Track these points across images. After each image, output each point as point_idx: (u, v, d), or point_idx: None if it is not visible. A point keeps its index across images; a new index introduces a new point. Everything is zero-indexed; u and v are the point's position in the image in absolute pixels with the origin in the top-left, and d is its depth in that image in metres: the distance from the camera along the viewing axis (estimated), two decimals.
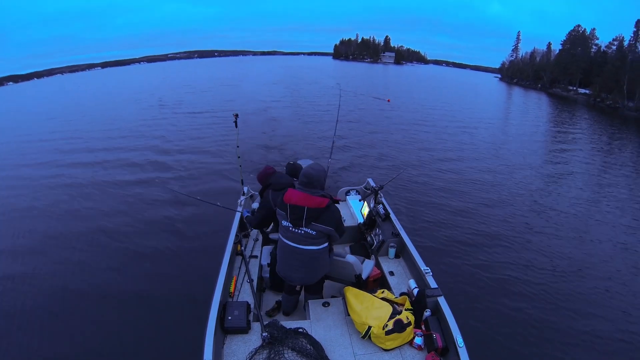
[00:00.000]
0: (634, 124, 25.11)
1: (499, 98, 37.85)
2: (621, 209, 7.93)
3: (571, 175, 10.38)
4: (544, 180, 9.64)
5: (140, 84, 37.82)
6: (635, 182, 10.28)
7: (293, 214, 2.41)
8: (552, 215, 7.21)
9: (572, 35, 49.85)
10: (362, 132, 13.77)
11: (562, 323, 4.12)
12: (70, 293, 4.44)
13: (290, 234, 2.48)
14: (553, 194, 8.54)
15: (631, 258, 5.75)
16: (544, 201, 7.99)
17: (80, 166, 9.64)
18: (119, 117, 17.41)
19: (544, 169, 10.84)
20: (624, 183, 10.08)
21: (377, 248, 3.46)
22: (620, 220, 7.26)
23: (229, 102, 21.06)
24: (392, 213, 3.67)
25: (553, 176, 10.07)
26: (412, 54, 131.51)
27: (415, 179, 8.74)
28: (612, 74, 36.40)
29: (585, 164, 11.75)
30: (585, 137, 17.43)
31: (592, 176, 10.49)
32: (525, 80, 58.21)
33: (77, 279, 4.72)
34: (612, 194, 9.02)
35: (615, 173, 11.09)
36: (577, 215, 7.33)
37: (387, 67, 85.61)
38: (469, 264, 5.17)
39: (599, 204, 8.20)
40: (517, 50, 66.94)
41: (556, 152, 13.34)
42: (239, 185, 4.58)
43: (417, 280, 2.91)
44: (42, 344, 3.66)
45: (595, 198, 8.56)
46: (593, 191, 9.10)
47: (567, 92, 45.86)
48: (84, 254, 5.30)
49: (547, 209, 7.54)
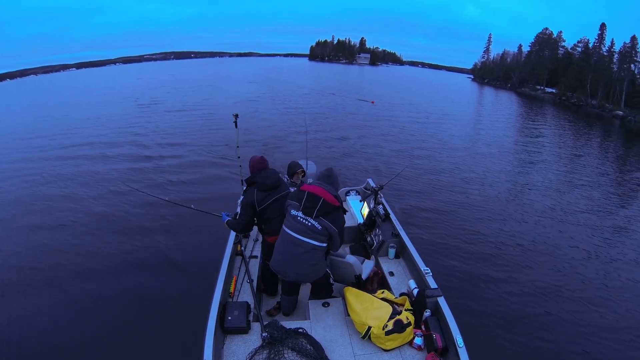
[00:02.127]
0: (597, 119, 28.29)
1: (484, 99, 38.91)
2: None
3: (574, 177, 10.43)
4: (547, 180, 9.66)
5: (121, 85, 36.25)
6: (603, 166, 12.30)
7: (308, 201, 2.45)
8: (553, 216, 7.22)
9: (540, 37, 52.89)
10: (357, 133, 13.92)
11: (562, 323, 4.13)
12: (70, 293, 4.44)
13: (297, 224, 2.48)
14: (552, 195, 8.55)
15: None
16: (545, 200, 8.00)
17: (81, 166, 9.66)
18: (109, 118, 16.81)
19: (535, 173, 10.87)
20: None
21: (377, 248, 3.46)
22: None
23: (220, 102, 21.03)
24: (392, 213, 3.67)
25: (557, 180, 10.10)
26: (388, 55, 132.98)
27: (416, 179, 8.75)
28: (576, 74, 39.58)
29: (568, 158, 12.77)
30: (559, 130, 19.74)
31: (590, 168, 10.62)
32: (496, 80, 61.17)
33: (77, 279, 4.72)
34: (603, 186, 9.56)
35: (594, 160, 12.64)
36: (579, 216, 7.35)
37: (362, 68, 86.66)
38: (469, 265, 5.17)
39: (604, 203, 8.23)
40: (488, 52, 70.21)
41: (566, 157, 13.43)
42: (239, 185, 4.58)
43: (417, 280, 2.91)
44: (42, 344, 3.65)
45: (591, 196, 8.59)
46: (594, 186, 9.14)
47: (535, 91, 48.52)
48: (83, 254, 5.30)
49: (547, 208, 7.55)
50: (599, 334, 3.98)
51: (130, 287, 4.51)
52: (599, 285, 4.93)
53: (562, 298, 4.58)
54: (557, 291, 4.70)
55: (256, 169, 2.82)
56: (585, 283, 4.97)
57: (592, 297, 4.65)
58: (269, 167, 2.90)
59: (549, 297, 4.58)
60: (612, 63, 38.27)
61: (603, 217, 7.46)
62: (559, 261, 5.48)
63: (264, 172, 2.81)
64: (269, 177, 2.80)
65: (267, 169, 2.84)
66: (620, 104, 33.12)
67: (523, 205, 7.69)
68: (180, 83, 35.29)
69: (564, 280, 4.97)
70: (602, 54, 40.49)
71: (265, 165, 2.85)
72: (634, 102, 31.05)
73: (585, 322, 4.17)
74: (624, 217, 7.59)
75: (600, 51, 40.92)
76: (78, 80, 48.76)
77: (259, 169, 2.82)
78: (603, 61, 38.94)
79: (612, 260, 5.65)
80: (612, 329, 4.08)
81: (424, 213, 6.82)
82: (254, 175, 2.81)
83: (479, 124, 20.13)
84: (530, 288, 4.72)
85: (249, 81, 35.23)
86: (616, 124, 27.61)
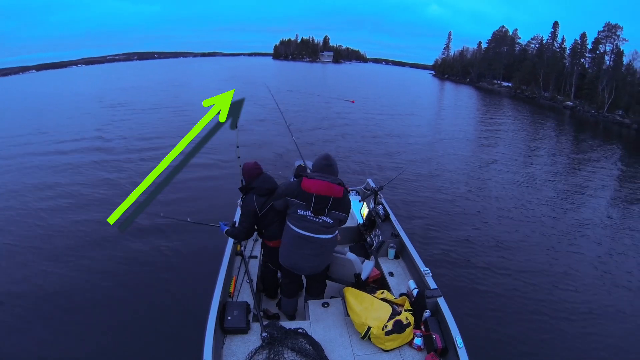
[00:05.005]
0: (549, 110, 31.53)
1: (445, 94, 40.75)
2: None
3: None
4: (535, 180, 9.67)
5: (90, 88, 32.11)
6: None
7: (318, 204, 2.39)
8: (553, 217, 7.22)
9: (496, 35, 56.44)
10: (348, 133, 13.96)
11: (563, 323, 4.13)
12: (70, 294, 4.44)
13: (308, 223, 2.44)
14: (550, 195, 8.56)
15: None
16: (544, 201, 8.01)
17: (84, 170, 9.65)
18: (81, 125, 14.93)
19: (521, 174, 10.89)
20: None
21: (377, 249, 3.46)
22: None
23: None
24: (391, 214, 3.67)
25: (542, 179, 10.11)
26: (352, 53, 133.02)
27: (416, 179, 8.75)
28: (530, 68, 43.21)
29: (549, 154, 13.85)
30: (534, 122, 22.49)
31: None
32: (455, 76, 63.95)
33: (76, 279, 4.72)
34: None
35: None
36: (581, 218, 7.35)
37: (325, 66, 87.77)
38: (469, 265, 5.17)
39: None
40: (448, 49, 72.13)
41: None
42: (240, 185, 4.56)
43: (416, 281, 2.90)
44: (42, 344, 3.66)
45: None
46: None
47: (492, 85, 52.55)
48: (83, 255, 5.30)
49: (547, 208, 7.56)
50: (600, 335, 3.98)
51: (130, 288, 4.51)
52: (600, 285, 4.93)
53: (562, 298, 4.58)
54: (557, 291, 4.71)
55: (253, 175, 2.80)
56: (585, 283, 4.97)
57: (592, 297, 4.65)
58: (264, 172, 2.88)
59: (550, 297, 4.59)
60: (563, 58, 41.98)
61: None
62: (560, 261, 5.48)
63: (260, 177, 2.80)
64: (266, 181, 2.79)
65: (263, 174, 2.83)
66: (570, 96, 36.97)
67: (523, 205, 7.69)
68: (148, 84, 33.65)
69: (564, 280, 4.97)
70: (555, 50, 44.20)
71: (260, 171, 2.84)
72: (583, 94, 34.74)
73: (586, 322, 4.18)
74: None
75: (553, 47, 44.68)
76: (41, 83, 43.00)
77: (256, 175, 2.80)
78: (555, 57, 42.72)
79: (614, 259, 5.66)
80: (613, 330, 4.08)
81: (424, 213, 6.82)
82: (251, 182, 2.80)
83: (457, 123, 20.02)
84: (530, 288, 4.73)
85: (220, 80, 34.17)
86: (567, 113, 31.23)
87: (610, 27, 36.07)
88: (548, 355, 3.68)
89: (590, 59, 38.19)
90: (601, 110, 30.60)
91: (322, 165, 2.49)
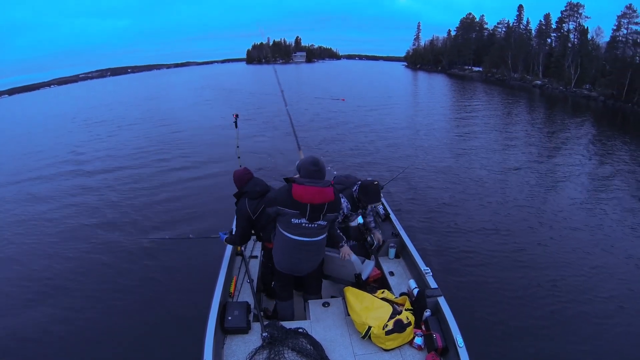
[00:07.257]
0: (520, 90, 33.12)
1: (419, 83, 41.32)
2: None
3: None
4: (543, 173, 9.66)
5: (63, 107, 30.40)
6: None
7: (314, 212, 2.34)
8: (552, 216, 7.21)
9: (464, 22, 58.29)
10: (344, 132, 13.92)
11: (564, 323, 4.12)
12: (69, 294, 4.44)
13: (303, 230, 2.39)
14: (554, 193, 8.54)
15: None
16: (543, 202, 7.99)
17: (91, 176, 9.64)
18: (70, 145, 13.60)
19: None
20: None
21: (377, 248, 3.46)
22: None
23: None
24: (392, 213, 3.67)
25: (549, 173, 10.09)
26: (324, 51, 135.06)
27: (416, 180, 8.74)
28: (498, 52, 45.43)
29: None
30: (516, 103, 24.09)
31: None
32: (427, 65, 65.26)
33: (76, 280, 4.73)
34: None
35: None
36: (583, 218, 7.33)
37: (298, 66, 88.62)
38: (469, 264, 5.16)
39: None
40: (418, 39, 73.68)
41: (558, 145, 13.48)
42: None
43: (417, 280, 2.91)
44: (42, 344, 3.66)
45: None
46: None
47: (463, 71, 54.43)
48: (83, 255, 5.31)
49: (546, 209, 7.54)
50: (601, 335, 3.97)
51: (130, 288, 4.51)
52: (602, 285, 4.90)
53: (563, 298, 4.56)
54: (557, 291, 4.69)
55: (244, 180, 2.87)
56: (586, 283, 4.95)
57: (593, 297, 4.63)
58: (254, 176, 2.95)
59: (550, 296, 4.57)
60: (530, 40, 43.61)
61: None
62: (558, 260, 5.46)
63: (251, 182, 2.86)
64: (257, 184, 2.84)
65: (254, 178, 2.90)
66: (539, 75, 38.94)
67: (523, 205, 7.68)
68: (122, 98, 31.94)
69: (564, 280, 4.95)
70: (521, 32, 45.81)
71: (251, 176, 2.90)
72: (550, 72, 36.67)
73: (588, 322, 4.15)
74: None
75: (519, 30, 46.31)
76: (18, 106, 39.51)
77: (246, 180, 2.87)
78: (522, 39, 44.31)
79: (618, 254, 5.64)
80: (615, 330, 4.05)
81: (423, 213, 6.81)
82: (242, 187, 2.85)
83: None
84: (531, 288, 4.71)
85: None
86: (536, 92, 32.71)
87: (572, 6, 37.80)
88: (549, 355, 3.67)
89: (555, 38, 39.95)
90: (569, 86, 32.26)
91: (311, 171, 2.38)
